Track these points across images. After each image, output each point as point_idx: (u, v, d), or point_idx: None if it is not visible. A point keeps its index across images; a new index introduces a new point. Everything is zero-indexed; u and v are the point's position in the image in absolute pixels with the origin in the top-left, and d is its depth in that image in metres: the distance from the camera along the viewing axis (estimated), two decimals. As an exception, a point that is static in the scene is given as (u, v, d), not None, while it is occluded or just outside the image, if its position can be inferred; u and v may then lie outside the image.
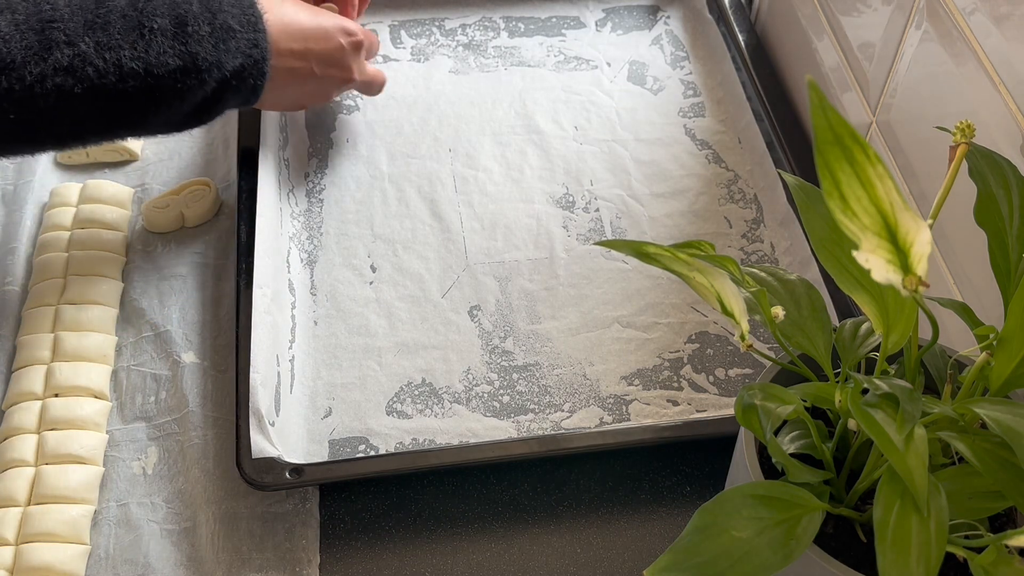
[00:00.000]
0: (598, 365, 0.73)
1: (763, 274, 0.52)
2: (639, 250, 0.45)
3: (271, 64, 0.70)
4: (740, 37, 0.92)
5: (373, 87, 0.83)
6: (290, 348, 0.72)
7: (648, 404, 0.71)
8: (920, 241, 0.36)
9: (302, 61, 0.73)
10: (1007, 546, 0.40)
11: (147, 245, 0.78)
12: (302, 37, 0.73)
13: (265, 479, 0.62)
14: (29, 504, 0.63)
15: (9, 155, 0.66)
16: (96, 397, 0.69)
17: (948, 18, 0.64)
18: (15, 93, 0.60)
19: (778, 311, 0.47)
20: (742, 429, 0.50)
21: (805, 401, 0.46)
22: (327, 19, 0.75)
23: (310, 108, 0.89)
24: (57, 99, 0.61)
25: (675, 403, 0.71)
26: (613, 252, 0.79)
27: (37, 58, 0.60)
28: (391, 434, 0.69)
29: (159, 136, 0.71)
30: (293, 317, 0.74)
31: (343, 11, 0.82)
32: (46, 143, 0.66)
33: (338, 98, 0.90)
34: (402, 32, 0.97)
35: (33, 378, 0.68)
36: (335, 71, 0.76)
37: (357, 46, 0.78)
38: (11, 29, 0.59)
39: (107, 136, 0.67)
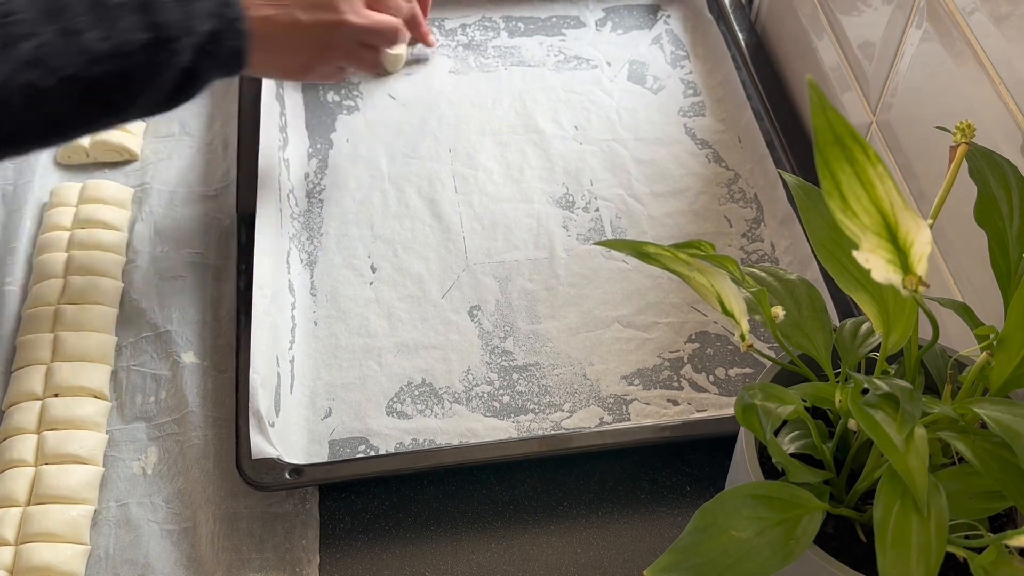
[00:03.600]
0: (598, 365, 0.73)
1: (763, 274, 0.52)
2: (639, 250, 0.45)
3: (248, 18, 0.65)
4: (740, 36, 0.92)
5: (381, 34, 0.75)
6: (290, 348, 0.72)
7: (648, 404, 0.71)
8: (920, 241, 0.36)
9: (279, 8, 0.68)
10: (1007, 546, 0.40)
11: (147, 245, 0.78)
12: None
13: (265, 479, 0.62)
14: (29, 504, 0.63)
15: None
16: (96, 397, 0.69)
17: (948, 18, 0.64)
18: None
19: (778, 311, 0.47)
20: (742, 429, 0.50)
21: (805, 401, 0.46)
22: None
23: (314, 97, 0.89)
24: (26, 96, 0.57)
25: (675, 403, 0.71)
26: (613, 252, 0.79)
27: None
28: (391, 434, 0.69)
29: (153, 116, 0.66)
30: (293, 317, 0.74)
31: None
32: (29, 143, 0.61)
33: (338, 98, 0.90)
34: (402, 32, 0.97)
35: (33, 378, 0.68)
36: (322, 13, 0.71)
37: None
38: None
39: (91, 128, 0.63)
